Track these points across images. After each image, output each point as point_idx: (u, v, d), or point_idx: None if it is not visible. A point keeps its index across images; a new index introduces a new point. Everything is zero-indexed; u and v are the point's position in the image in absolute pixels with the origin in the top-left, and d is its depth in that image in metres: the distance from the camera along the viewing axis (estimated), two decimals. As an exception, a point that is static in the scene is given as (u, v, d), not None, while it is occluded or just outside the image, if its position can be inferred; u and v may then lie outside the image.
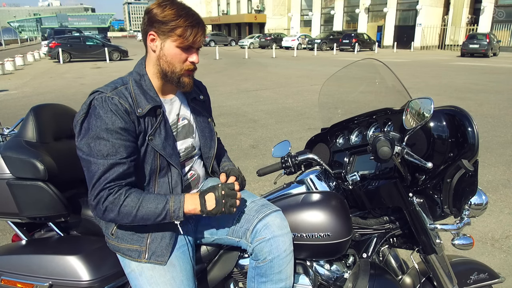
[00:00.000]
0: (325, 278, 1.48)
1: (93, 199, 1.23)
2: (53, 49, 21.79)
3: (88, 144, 1.22)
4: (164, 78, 1.34)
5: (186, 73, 1.33)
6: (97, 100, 1.25)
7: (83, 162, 1.24)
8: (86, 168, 1.24)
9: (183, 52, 1.30)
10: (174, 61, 1.30)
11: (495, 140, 5.82)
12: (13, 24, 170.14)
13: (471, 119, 1.26)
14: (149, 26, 1.28)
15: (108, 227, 1.36)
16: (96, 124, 1.22)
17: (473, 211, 1.42)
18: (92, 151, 1.22)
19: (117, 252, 1.36)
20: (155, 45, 1.30)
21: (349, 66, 1.70)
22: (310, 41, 32.59)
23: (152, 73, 1.34)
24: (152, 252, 1.32)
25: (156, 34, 1.28)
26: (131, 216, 1.24)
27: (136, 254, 1.32)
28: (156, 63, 1.32)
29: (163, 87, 1.37)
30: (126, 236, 1.33)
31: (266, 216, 1.35)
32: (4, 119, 6.42)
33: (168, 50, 1.29)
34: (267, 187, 3.95)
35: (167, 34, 1.27)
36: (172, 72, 1.31)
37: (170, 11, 1.25)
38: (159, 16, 1.25)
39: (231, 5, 55.04)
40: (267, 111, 7.97)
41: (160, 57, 1.30)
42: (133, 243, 1.32)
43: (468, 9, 31.48)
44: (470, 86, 11.27)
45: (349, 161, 1.56)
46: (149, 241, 1.32)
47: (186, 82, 1.34)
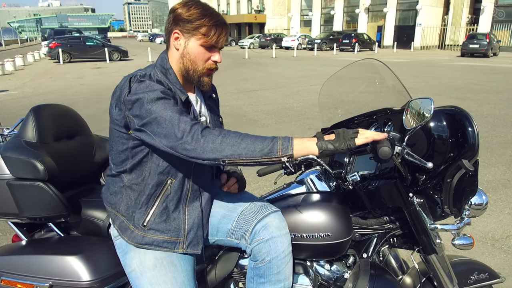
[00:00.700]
0: (325, 278, 1.48)
1: (187, 134, 1.14)
2: (53, 49, 21.79)
3: (149, 109, 1.17)
4: (186, 76, 1.35)
5: (207, 72, 1.35)
6: (140, 76, 1.24)
7: (149, 125, 1.17)
8: (156, 126, 1.17)
9: (207, 51, 1.31)
10: (197, 60, 1.32)
11: (495, 140, 5.82)
12: (13, 24, 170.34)
13: (471, 119, 1.26)
14: (174, 25, 1.30)
15: (140, 218, 1.32)
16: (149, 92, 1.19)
17: (473, 211, 1.42)
18: (157, 110, 1.17)
19: (147, 245, 1.31)
20: (179, 43, 1.31)
21: (349, 66, 1.70)
22: (310, 41, 32.58)
23: (175, 70, 1.35)
24: (189, 242, 1.33)
25: (180, 33, 1.30)
26: (235, 145, 1.14)
27: (173, 245, 1.32)
28: (179, 61, 1.33)
29: (184, 84, 1.37)
30: (162, 228, 1.32)
31: (265, 217, 1.35)
32: (4, 119, 6.42)
33: (192, 49, 1.30)
34: (267, 187, 3.95)
35: (191, 32, 1.28)
36: (194, 70, 1.33)
37: (196, 10, 1.27)
38: (184, 15, 1.27)
39: (231, 5, 55.05)
40: (267, 111, 7.97)
41: (183, 55, 1.32)
42: (171, 234, 1.32)
43: (468, 9, 31.48)
44: (470, 86, 11.27)
45: (349, 161, 1.56)
46: (186, 231, 1.33)
47: (206, 81, 1.36)
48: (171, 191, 1.32)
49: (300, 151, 1.17)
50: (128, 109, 1.20)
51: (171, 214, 1.33)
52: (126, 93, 1.21)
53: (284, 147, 1.15)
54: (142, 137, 1.21)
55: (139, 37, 77.26)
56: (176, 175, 1.31)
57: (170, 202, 1.32)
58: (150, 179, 1.30)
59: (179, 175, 1.32)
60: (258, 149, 1.15)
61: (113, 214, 1.37)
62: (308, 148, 1.18)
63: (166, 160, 1.29)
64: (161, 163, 1.29)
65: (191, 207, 1.37)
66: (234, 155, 1.14)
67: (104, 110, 8.12)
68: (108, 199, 1.39)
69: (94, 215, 1.55)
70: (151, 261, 1.31)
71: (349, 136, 1.18)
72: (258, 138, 1.17)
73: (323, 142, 1.18)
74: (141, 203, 1.32)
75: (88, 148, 1.82)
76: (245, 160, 1.15)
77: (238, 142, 1.15)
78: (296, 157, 1.17)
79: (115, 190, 1.37)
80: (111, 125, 1.31)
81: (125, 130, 1.27)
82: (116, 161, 1.34)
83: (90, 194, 1.68)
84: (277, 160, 1.16)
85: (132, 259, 1.33)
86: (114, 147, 1.33)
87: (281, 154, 1.15)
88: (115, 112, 1.26)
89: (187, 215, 1.35)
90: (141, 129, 1.19)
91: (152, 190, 1.31)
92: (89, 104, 8.90)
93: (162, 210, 1.32)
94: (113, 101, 1.27)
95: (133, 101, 1.19)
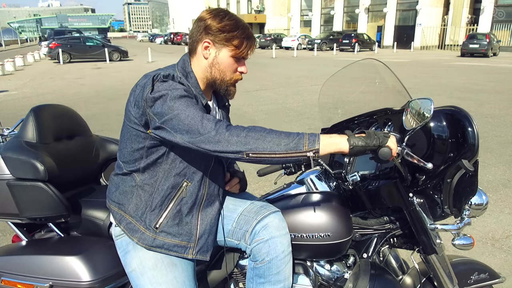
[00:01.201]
0: (325, 278, 1.48)
1: (213, 128, 1.13)
2: (53, 49, 21.79)
3: (171, 106, 1.16)
4: (212, 85, 1.36)
5: (234, 82, 1.36)
6: (164, 76, 1.23)
7: (170, 121, 1.16)
8: (178, 122, 1.15)
9: (235, 62, 1.33)
10: (226, 70, 1.33)
11: (495, 140, 5.82)
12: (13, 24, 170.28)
13: (471, 119, 1.26)
14: (205, 34, 1.29)
15: (153, 219, 1.31)
16: (173, 91, 1.18)
17: (474, 211, 1.42)
18: (179, 107, 1.16)
19: (157, 248, 1.30)
20: (209, 52, 1.31)
21: (349, 66, 1.70)
22: (310, 41, 32.57)
23: (198, 76, 1.34)
24: (199, 248, 1.33)
25: (211, 43, 1.30)
26: (260, 138, 1.12)
27: (183, 250, 1.32)
28: (206, 70, 1.33)
29: (203, 91, 1.36)
30: (174, 231, 1.31)
31: (264, 217, 1.35)
32: (4, 119, 6.41)
33: (222, 59, 1.31)
34: (267, 187, 3.95)
35: (224, 43, 1.29)
36: (222, 80, 1.34)
37: (229, 21, 1.28)
38: (217, 25, 1.27)
39: (231, 5, 55.09)
40: (267, 111, 7.97)
41: (213, 64, 1.32)
42: (182, 238, 1.32)
43: (468, 9, 31.48)
44: (470, 86, 11.27)
45: (349, 161, 1.56)
46: (198, 236, 1.33)
47: (233, 90, 1.39)
48: (186, 194, 1.31)
49: (328, 147, 1.14)
50: (150, 106, 1.19)
51: (184, 218, 1.33)
52: (149, 91, 1.19)
53: (311, 142, 1.12)
54: (161, 135, 1.20)
55: (139, 37, 77.32)
56: (192, 178, 1.31)
57: (184, 205, 1.32)
58: (165, 180, 1.29)
59: (195, 178, 1.32)
60: (284, 143, 1.12)
61: (119, 214, 1.35)
62: (337, 144, 1.15)
63: (183, 161, 1.29)
64: (178, 164, 1.29)
65: (205, 212, 1.36)
66: (258, 148, 1.12)
67: (104, 110, 8.12)
68: (115, 199, 1.37)
69: (94, 215, 1.55)
70: (151, 261, 1.31)
71: (383, 134, 1.17)
72: (284, 132, 1.15)
73: (354, 138, 1.15)
74: (155, 204, 1.31)
75: (88, 148, 1.82)
76: (270, 155, 1.13)
77: (263, 136, 1.13)
78: (322, 153, 1.13)
79: (125, 189, 1.34)
80: (127, 123, 1.29)
81: (144, 129, 1.25)
82: (129, 159, 1.32)
83: (90, 194, 1.68)
84: (302, 155, 1.12)
85: (133, 259, 1.33)
86: (128, 145, 1.31)
87: (307, 149, 1.12)
88: (134, 110, 1.24)
89: (200, 220, 1.35)
90: (161, 126, 1.18)
91: (167, 192, 1.30)
92: (89, 104, 8.90)
93: (175, 213, 1.31)
94: (132, 98, 1.25)
95: (156, 98, 1.18)
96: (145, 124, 1.24)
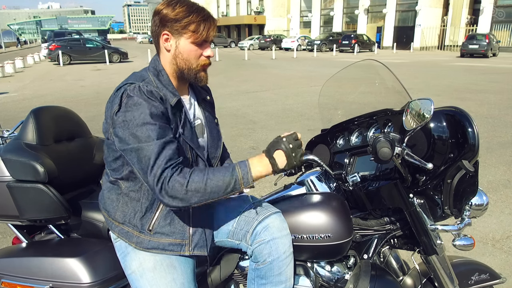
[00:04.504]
0: (326, 280, 1.48)
1: (157, 183, 1.16)
2: (53, 51, 21.80)
3: (134, 134, 1.18)
4: (181, 76, 1.34)
5: (202, 68, 1.34)
6: (130, 90, 1.22)
7: (130, 153, 1.19)
8: (135, 157, 1.19)
9: (198, 47, 1.30)
10: (190, 58, 1.31)
11: (495, 140, 5.82)
12: (13, 26, 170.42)
13: (471, 119, 1.26)
14: (162, 27, 1.28)
15: (145, 223, 1.31)
16: (138, 112, 1.19)
17: (474, 212, 1.42)
18: (140, 138, 1.17)
19: (154, 249, 1.31)
20: (170, 44, 1.30)
21: (349, 67, 1.70)
22: (309, 42, 32.61)
23: (168, 72, 1.34)
24: (195, 244, 1.33)
25: (169, 33, 1.28)
26: (200, 191, 1.18)
27: (179, 248, 1.32)
28: (172, 62, 1.32)
29: (178, 86, 1.37)
30: (167, 231, 1.31)
31: (265, 218, 1.35)
32: (4, 121, 6.43)
33: (183, 48, 1.29)
34: (267, 188, 3.95)
35: (181, 31, 1.27)
36: (189, 68, 1.32)
37: (181, 8, 1.26)
38: (170, 15, 1.26)
39: (231, 7, 55.08)
40: (267, 113, 7.97)
41: (176, 55, 1.31)
42: (176, 236, 1.32)
43: (467, 10, 31.52)
44: (470, 86, 11.28)
45: (349, 162, 1.56)
46: (191, 232, 1.33)
47: (203, 76, 1.36)
48: None
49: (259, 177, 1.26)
50: (113, 127, 1.22)
51: (175, 216, 1.33)
52: (115, 111, 1.21)
53: (245, 181, 1.23)
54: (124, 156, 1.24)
55: (139, 39, 77.22)
56: None
57: None
58: None
59: None
60: (222, 190, 1.21)
61: (110, 221, 1.37)
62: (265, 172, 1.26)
63: None
64: None
65: (195, 208, 1.36)
66: (201, 201, 1.20)
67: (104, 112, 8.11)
68: (104, 206, 1.39)
69: (94, 217, 1.55)
70: (150, 263, 1.31)
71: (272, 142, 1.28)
72: (220, 178, 1.20)
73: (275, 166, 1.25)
74: (145, 209, 1.31)
75: (88, 150, 1.82)
76: (211, 201, 1.22)
77: (203, 189, 1.18)
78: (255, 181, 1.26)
79: (111, 197, 1.37)
80: (104, 132, 1.31)
81: None
82: (113, 167, 1.34)
83: (90, 196, 1.68)
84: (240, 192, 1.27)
85: (132, 261, 1.33)
86: (110, 154, 1.32)
87: (243, 188, 1.23)
88: (105, 125, 1.27)
89: (192, 217, 1.34)
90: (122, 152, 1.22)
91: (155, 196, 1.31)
92: (89, 106, 8.90)
93: (166, 213, 1.32)
94: (105, 113, 1.28)
95: (120, 122, 1.20)
96: None
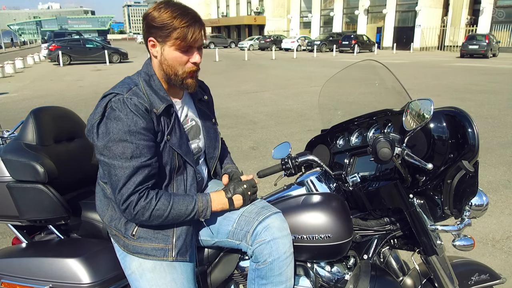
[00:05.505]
0: (326, 280, 1.48)
1: (122, 204, 1.22)
2: (53, 51, 21.80)
3: (109, 148, 1.20)
4: (168, 81, 1.34)
5: (188, 75, 1.32)
6: (114, 102, 1.22)
7: (104, 165, 1.23)
8: (108, 172, 1.23)
9: (183, 54, 1.28)
10: (176, 65, 1.29)
11: (495, 140, 5.82)
12: (13, 27, 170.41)
13: (471, 120, 1.26)
14: (148, 33, 1.28)
15: (128, 228, 1.32)
16: (117, 127, 1.19)
17: (474, 212, 1.42)
18: (115, 154, 1.20)
19: (138, 254, 1.31)
20: (156, 50, 1.29)
21: (349, 68, 1.70)
22: (309, 43, 32.62)
23: (159, 76, 1.34)
24: (178, 249, 1.32)
25: (155, 40, 1.27)
26: (162, 218, 1.26)
27: (162, 253, 1.31)
28: (159, 67, 1.32)
29: (169, 89, 1.37)
30: (150, 236, 1.32)
31: (266, 218, 1.35)
32: (4, 121, 6.42)
33: (168, 55, 1.27)
34: (267, 188, 3.95)
35: (164, 39, 1.25)
36: (175, 75, 1.31)
37: (165, 14, 1.23)
38: (155, 21, 1.24)
39: (231, 7, 55.09)
40: (267, 113, 7.97)
41: (162, 62, 1.30)
42: (159, 242, 1.32)
43: (467, 10, 31.52)
44: (470, 87, 11.28)
45: (349, 162, 1.56)
46: (174, 238, 1.33)
47: (190, 83, 1.34)
48: None
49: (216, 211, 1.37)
50: (94, 136, 1.24)
51: None
52: (97, 121, 1.23)
53: (203, 214, 1.33)
54: None
55: (139, 39, 77.14)
56: (158, 186, 1.31)
57: None
58: None
59: (160, 183, 1.32)
60: (181, 218, 1.30)
61: (103, 222, 1.40)
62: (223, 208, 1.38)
63: None
64: None
65: None
66: (161, 223, 1.29)
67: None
68: (97, 208, 1.42)
69: (94, 217, 1.55)
70: (150, 264, 1.31)
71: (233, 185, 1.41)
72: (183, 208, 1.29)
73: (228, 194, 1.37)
74: None
75: (88, 150, 1.81)
76: None
77: (165, 216, 1.27)
78: None
79: (101, 200, 1.39)
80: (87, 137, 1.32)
81: None
82: (100, 170, 1.36)
83: (90, 196, 1.68)
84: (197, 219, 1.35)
85: (132, 262, 1.33)
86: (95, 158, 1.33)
87: (202, 217, 1.34)
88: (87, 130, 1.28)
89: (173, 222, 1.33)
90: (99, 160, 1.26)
91: None
92: (89, 106, 8.90)
93: None
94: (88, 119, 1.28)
95: (99, 133, 1.23)
96: None
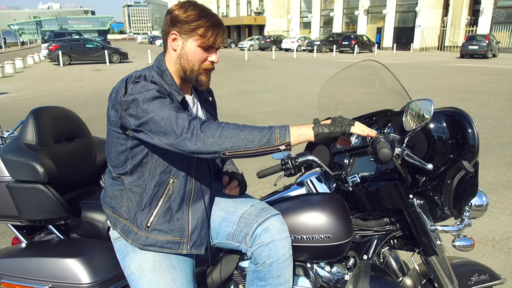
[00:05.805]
0: (325, 280, 1.48)
1: (186, 131, 1.15)
2: (53, 51, 21.80)
3: (145, 109, 1.18)
4: (183, 76, 1.36)
5: (204, 71, 1.36)
6: (135, 77, 1.25)
7: (147, 124, 1.18)
8: (153, 125, 1.17)
9: (204, 51, 1.32)
10: (194, 60, 1.32)
11: (495, 141, 5.82)
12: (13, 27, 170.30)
13: (471, 120, 1.26)
14: (172, 26, 1.31)
15: (143, 219, 1.32)
16: (146, 92, 1.19)
17: (474, 212, 1.42)
18: (153, 109, 1.17)
19: (151, 246, 1.31)
20: (177, 44, 1.32)
21: (348, 68, 1.70)
22: (309, 43, 32.62)
23: (172, 71, 1.35)
24: (193, 242, 1.34)
25: (178, 34, 1.31)
26: (234, 137, 1.15)
27: (177, 246, 1.32)
28: (176, 61, 1.34)
29: (181, 86, 1.38)
30: (166, 228, 1.32)
31: (265, 220, 1.35)
32: (3, 121, 6.43)
33: (189, 49, 1.31)
34: (267, 189, 3.95)
35: (189, 33, 1.29)
36: (192, 70, 1.34)
37: (193, 11, 1.29)
38: (181, 16, 1.28)
39: (231, 7, 55.11)
40: (267, 113, 7.98)
41: (181, 55, 1.33)
42: (175, 234, 1.32)
43: (467, 11, 31.53)
44: (470, 87, 11.28)
45: (349, 162, 1.56)
46: (190, 231, 1.34)
47: (204, 80, 1.37)
48: (173, 190, 1.32)
49: (297, 138, 1.19)
50: (124, 109, 1.21)
51: (174, 214, 1.33)
52: (122, 94, 1.21)
53: (282, 136, 1.17)
54: (140, 136, 1.22)
55: (139, 39, 77.36)
56: (178, 174, 1.32)
57: (173, 202, 1.32)
58: (151, 179, 1.30)
59: (180, 174, 1.32)
60: (257, 140, 1.16)
61: (114, 218, 1.36)
62: (305, 134, 1.20)
63: (166, 158, 1.29)
64: (162, 162, 1.30)
65: (195, 207, 1.37)
66: (234, 147, 1.16)
67: (103, 112, 8.12)
68: (108, 203, 1.38)
69: (94, 217, 1.55)
70: (150, 264, 1.31)
71: (346, 122, 1.21)
72: (256, 128, 1.18)
73: (319, 126, 1.20)
74: (144, 204, 1.32)
75: (88, 150, 1.82)
76: (244, 151, 1.17)
77: (237, 134, 1.16)
78: (293, 144, 1.18)
79: (115, 193, 1.36)
80: (109, 127, 1.31)
81: (123, 131, 1.27)
82: (116, 163, 1.34)
83: (90, 196, 1.68)
84: (275, 149, 1.17)
85: (131, 262, 1.33)
86: (113, 149, 1.33)
87: (279, 143, 1.17)
88: (112, 114, 1.27)
89: (191, 215, 1.35)
90: (138, 129, 1.20)
91: (155, 191, 1.31)
92: (89, 106, 8.90)
93: (165, 210, 1.32)
94: (110, 103, 1.28)
95: (129, 102, 1.20)
96: (122, 126, 1.26)
